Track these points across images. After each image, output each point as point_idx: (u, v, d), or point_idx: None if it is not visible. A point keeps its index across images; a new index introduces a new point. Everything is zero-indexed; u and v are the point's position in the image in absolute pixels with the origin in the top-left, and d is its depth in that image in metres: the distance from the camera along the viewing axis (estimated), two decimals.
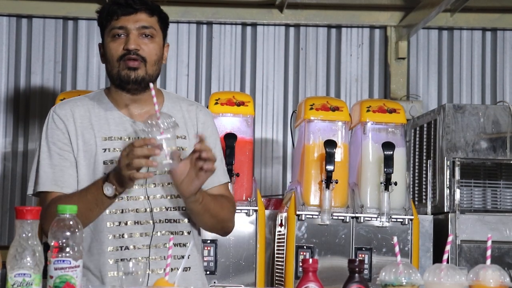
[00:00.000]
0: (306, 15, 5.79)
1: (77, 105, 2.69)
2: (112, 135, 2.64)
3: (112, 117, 2.67)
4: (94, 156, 2.61)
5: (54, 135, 2.66)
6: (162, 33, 2.71)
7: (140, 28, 2.64)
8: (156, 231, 2.60)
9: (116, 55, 2.63)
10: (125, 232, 2.59)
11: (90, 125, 2.65)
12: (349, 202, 4.28)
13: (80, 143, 2.63)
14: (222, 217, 2.71)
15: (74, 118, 2.66)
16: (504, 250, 4.52)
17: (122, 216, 2.59)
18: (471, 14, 5.82)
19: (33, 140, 5.61)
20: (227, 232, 2.81)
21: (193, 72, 5.76)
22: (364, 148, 4.31)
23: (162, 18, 2.71)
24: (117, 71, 2.64)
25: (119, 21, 2.64)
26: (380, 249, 4.26)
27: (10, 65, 5.67)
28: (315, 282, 2.00)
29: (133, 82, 2.62)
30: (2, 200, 5.57)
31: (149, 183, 2.61)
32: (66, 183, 2.62)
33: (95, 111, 2.68)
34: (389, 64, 5.82)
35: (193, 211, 2.62)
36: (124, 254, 2.58)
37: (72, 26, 5.74)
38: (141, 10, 2.65)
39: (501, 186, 4.72)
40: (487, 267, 2.10)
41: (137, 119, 2.67)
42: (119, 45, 2.64)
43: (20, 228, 1.84)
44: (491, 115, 4.69)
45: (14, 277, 1.81)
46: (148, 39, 2.65)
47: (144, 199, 2.61)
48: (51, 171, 2.64)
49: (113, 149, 2.62)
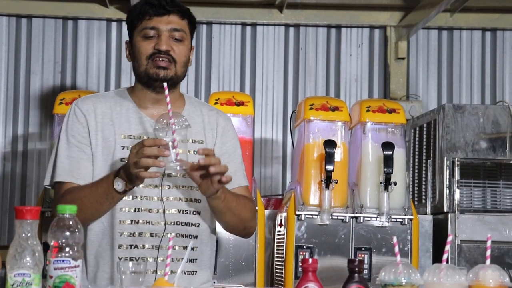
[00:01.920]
0: (305, 15, 5.79)
1: (99, 101, 2.71)
2: (132, 133, 2.66)
3: (133, 116, 2.69)
4: (113, 152, 2.63)
5: (74, 128, 2.68)
6: (191, 36, 2.74)
7: (171, 30, 2.66)
8: (166, 233, 2.60)
9: (146, 53, 2.65)
10: (136, 231, 2.60)
11: (111, 121, 2.67)
12: (349, 202, 4.28)
13: (100, 138, 2.65)
14: (244, 216, 2.70)
15: (95, 113, 2.68)
16: (503, 250, 4.52)
17: (135, 215, 2.60)
18: (470, 14, 5.82)
19: (32, 140, 5.62)
20: (249, 233, 2.80)
21: (192, 72, 5.76)
22: (364, 148, 4.31)
23: (192, 21, 2.74)
24: (145, 69, 2.66)
25: (151, 21, 2.66)
26: (380, 249, 4.26)
27: (10, 65, 5.67)
28: (315, 282, 2.00)
29: (162, 80, 2.63)
30: (2, 200, 5.57)
31: (164, 184, 2.62)
32: (81, 175, 2.64)
33: (116, 108, 2.70)
34: (389, 64, 5.83)
35: (215, 208, 2.62)
36: (133, 252, 2.59)
37: (71, 26, 5.74)
38: (173, 12, 2.67)
39: (500, 186, 4.72)
40: (486, 267, 2.09)
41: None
42: (150, 44, 2.65)
43: (19, 228, 1.84)
44: (490, 115, 4.70)
45: (13, 277, 1.81)
46: (178, 42, 2.67)
47: (158, 200, 2.62)
48: (68, 162, 2.65)
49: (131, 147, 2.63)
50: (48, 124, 5.60)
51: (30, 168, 5.59)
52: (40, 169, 5.58)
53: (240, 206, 2.68)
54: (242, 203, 2.70)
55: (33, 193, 5.56)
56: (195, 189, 2.64)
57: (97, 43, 5.74)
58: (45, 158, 5.55)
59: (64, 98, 4.18)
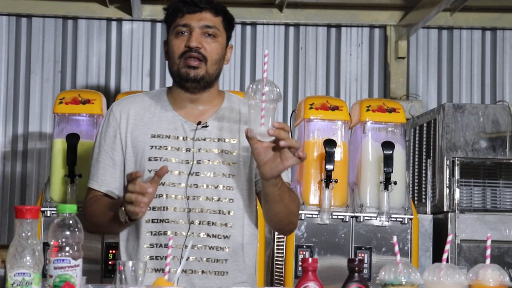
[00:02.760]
0: (305, 14, 5.79)
1: (134, 102, 2.73)
2: (161, 133, 2.66)
3: (165, 116, 2.69)
4: (142, 152, 2.64)
5: (106, 132, 2.71)
6: (226, 34, 2.73)
7: (203, 27, 2.65)
8: (191, 232, 2.60)
9: (178, 52, 2.65)
10: (161, 230, 2.61)
11: (142, 122, 2.68)
12: (349, 202, 4.28)
13: (129, 140, 2.67)
14: (292, 209, 2.67)
15: (128, 114, 2.69)
16: (503, 249, 4.52)
17: (160, 214, 2.61)
18: (470, 14, 5.82)
19: (32, 139, 5.62)
20: (292, 229, 2.77)
21: None
22: (364, 148, 4.31)
23: (227, 19, 2.74)
24: (177, 69, 2.66)
25: (184, 18, 2.66)
26: (380, 249, 4.26)
27: (10, 64, 5.67)
28: (315, 282, 2.00)
29: (192, 80, 2.63)
30: (2, 199, 5.57)
31: (190, 183, 2.62)
32: (105, 182, 2.69)
33: (151, 109, 2.71)
34: (389, 64, 5.83)
35: (269, 196, 2.59)
36: (158, 251, 2.60)
37: (71, 26, 5.74)
38: (206, 9, 2.67)
39: (500, 185, 4.72)
40: (486, 266, 2.10)
41: (190, 119, 2.68)
42: (181, 42, 2.65)
43: (19, 227, 1.84)
44: (490, 115, 4.69)
45: (13, 276, 1.81)
46: (210, 39, 2.66)
47: (184, 198, 2.62)
48: (96, 167, 2.71)
49: (160, 146, 2.64)
50: (48, 123, 5.60)
51: (30, 167, 5.59)
52: (40, 168, 5.58)
53: (291, 198, 2.65)
54: (293, 196, 2.67)
55: (33, 193, 5.56)
56: (225, 189, 2.64)
57: (97, 42, 5.74)
58: (45, 157, 5.55)
59: (64, 97, 4.17)
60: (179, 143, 2.66)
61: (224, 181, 2.64)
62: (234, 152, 2.66)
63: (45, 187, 4.11)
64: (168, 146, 2.64)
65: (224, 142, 2.67)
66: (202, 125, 2.67)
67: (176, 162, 2.63)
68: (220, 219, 2.63)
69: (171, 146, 2.65)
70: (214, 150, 2.65)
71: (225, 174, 2.65)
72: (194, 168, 2.62)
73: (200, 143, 2.66)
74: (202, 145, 2.65)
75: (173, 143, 2.65)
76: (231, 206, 2.65)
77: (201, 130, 2.67)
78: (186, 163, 2.64)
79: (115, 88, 5.71)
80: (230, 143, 2.67)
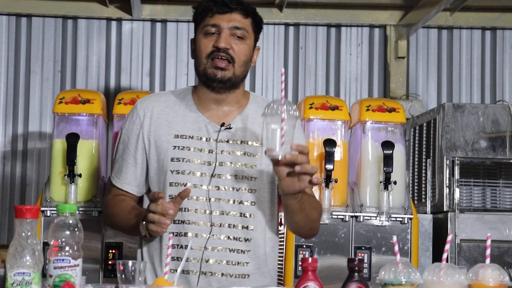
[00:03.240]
0: (305, 14, 5.78)
1: (158, 101, 2.73)
2: (184, 133, 2.66)
3: (189, 116, 2.68)
4: (165, 152, 2.64)
5: (129, 129, 2.72)
6: (254, 35, 2.72)
7: (232, 28, 2.64)
8: (212, 234, 2.60)
9: (206, 52, 2.64)
10: (182, 231, 2.60)
11: (166, 121, 2.68)
12: (349, 201, 4.28)
13: (152, 139, 2.67)
14: (313, 217, 2.69)
15: (152, 113, 2.69)
16: (503, 249, 4.52)
17: (182, 215, 2.60)
18: (470, 13, 5.82)
19: (32, 139, 5.62)
20: (313, 234, 2.78)
21: (192, 72, 5.74)
22: (364, 147, 4.31)
23: (256, 21, 2.72)
24: (204, 68, 2.65)
25: (213, 18, 2.65)
26: (380, 248, 4.26)
27: (10, 64, 5.67)
28: (315, 281, 2.00)
29: (219, 81, 2.62)
30: (2, 199, 5.57)
31: (212, 185, 2.61)
32: (126, 180, 2.71)
33: (175, 108, 2.70)
34: (389, 63, 5.82)
35: (289, 208, 2.60)
36: (179, 252, 2.60)
37: (71, 25, 5.73)
38: (236, 10, 2.66)
39: (500, 185, 4.72)
40: (486, 266, 2.10)
41: (214, 120, 2.67)
42: (210, 42, 2.64)
43: (19, 227, 1.84)
44: (490, 114, 4.69)
45: (13, 276, 1.81)
46: (239, 40, 2.65)
47: (205, 200, 2.61)
48: (119, 163, 2.73)
49: (183, 147, 2.64)
50: (48, 123, 5.60)
51: (30, 167, 5.58)
52: (39, 168, 5.58)
53: (312, 207, 2.66)
54: (314, 205, 2.68)
55: (33, 192, 5.56)
56: (247, 191, 2.63)
57: (97, 42, 5.73)
58: (44, 157, 5.55)
59: (64, 97, 4.17)
60: (202, 144, 2.65)
61: (246, 184, 2.64)
62: (257, 155, 2.65)
63: (45, 186, 4.11)
64: (191, 147, 2.64)
65: (247, 145, 2.66)
66: (226, 127, 2.66)
67: (198, 164, 2.63)
68: (242, 221, 2.63)
69: (194, 147, 2.64)
70: (237, 152, 2.64)
71: (247, 177, 2.64)
72: (216, 170, 2.62)
73: (223, 145, 2.65)
74: (225, 147, 2.64)
75: (196, 144, 2.64)
76: (253, 209, 2.64)
77: (224, 131, 2.66)
78: (208, 165, 2.63)
79: (114, 88, 5.70)
80: (253, 146, 2.65)
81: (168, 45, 5.75)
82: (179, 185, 2.61)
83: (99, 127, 4.14)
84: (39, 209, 1.87)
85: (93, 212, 4.01)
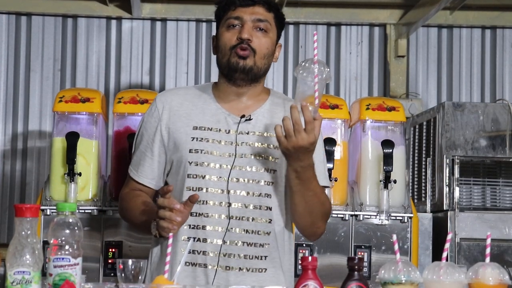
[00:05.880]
0: (305, 13, 5.78)
1: (178, 94, 2.73)
2: (203, 125, 2.65)
3: (208, 108, 2.68)
4: (183, 144, 2.63)
5: (148, 122, 2.72)
6: (277, 31, 2.73)
7: (255, 21, 2.65)
8: (230, 227, 2.58)
9: (229, 44, 2.64)
10: (200, 224, 2.59)
11: (185, 113, 2.67)
12: (349, 200, 4.28)
13: (171, 131, 2.67)
14: (314, 211, 2.63)
15: (170, 106, 2.69)
16: (503, 248, 4.52)
17: (200, 208, 2.58)
18: (470, 12, 5.82)
19: (32, 137, 5.62)
20: (316, 232, 2.73)
21: (192, 70, 5.76)
22: (364, 146, 4.31)
23: (279, 16, 2.74)
24: (227, 59, 2.64)
25: (236, 11, 2.66)
26: (380, 247, 4.26)
27: (10, 62, 5.67)
28: (315, 280, 2.00)
29: (241, 71, 2.62)
30: (2, 197, 5.57)
31: (232, 177, 2.60)
32: (143, 173, 2.70)
33: (194, 100, 2.70)
34: (389, 62, 5.82)
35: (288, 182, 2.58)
36: (196, 246, 2.58)
37: (71, 24, 5.73)
38: (259, 4, 2.68)
39: (500, 184, 4.72)
40: (486, 265, 2.10)
41: (233, 112, 2.67)
42: (233, 35, 2.64)
43: (19, 226, 1.84)
44: (490, 113, 4.69)
45: (13, 274, 1.81)
46: (261, 33, 2.66)
47: (224, 193, 2.59)
48: (137, 156, 2.73)
49: (201, 138, 2.63)
50: (47, 122, 5.60)
51: (30, 166, 5.58)
52: (39, 167, 5.58)
53: (317, 199, 2.62)
54: (321, 198, 2.64)
55: (33, 191, 5.56)
56: (267, 184, 2.61)
57: (97, 41, 5.73)
58: (44, 156, 5.55)
59: (64, 96, 4.17)
60: (221, 135, 2.63)
61: (266, 176, 2.62)
62: (277, 147, 2.61)
63: (45, 185, 4.11)
64: (209, 139, 2.62)
65: (267, 137, 2.64)
66: (246, 118, 2.65)
67: (217, 155, 2.61)
68: (261, 215, 2.61)
69: (212, 139, 2.63)
70: (257, 144, 2.63)
71: (267, 169, 2.62)
72: (236, 161, 2.60)
73: (243, 137, 2.63)
74: (245, 138, 2.63)
75: (214, 136, 2.62)
76: (272, 202, 2.62)
77: (244, 123, 2.65)
78: (228, 157, 2.61)
79: (114, 86, 5.71)
80: (273, 138, 2.61)
81: (168, 43, 5.75)
82: (197, 177, 2.60)
83: (99, 126, 4.14)
84: (39, 207, 1.88)
85: (92, 211, 4.01)
